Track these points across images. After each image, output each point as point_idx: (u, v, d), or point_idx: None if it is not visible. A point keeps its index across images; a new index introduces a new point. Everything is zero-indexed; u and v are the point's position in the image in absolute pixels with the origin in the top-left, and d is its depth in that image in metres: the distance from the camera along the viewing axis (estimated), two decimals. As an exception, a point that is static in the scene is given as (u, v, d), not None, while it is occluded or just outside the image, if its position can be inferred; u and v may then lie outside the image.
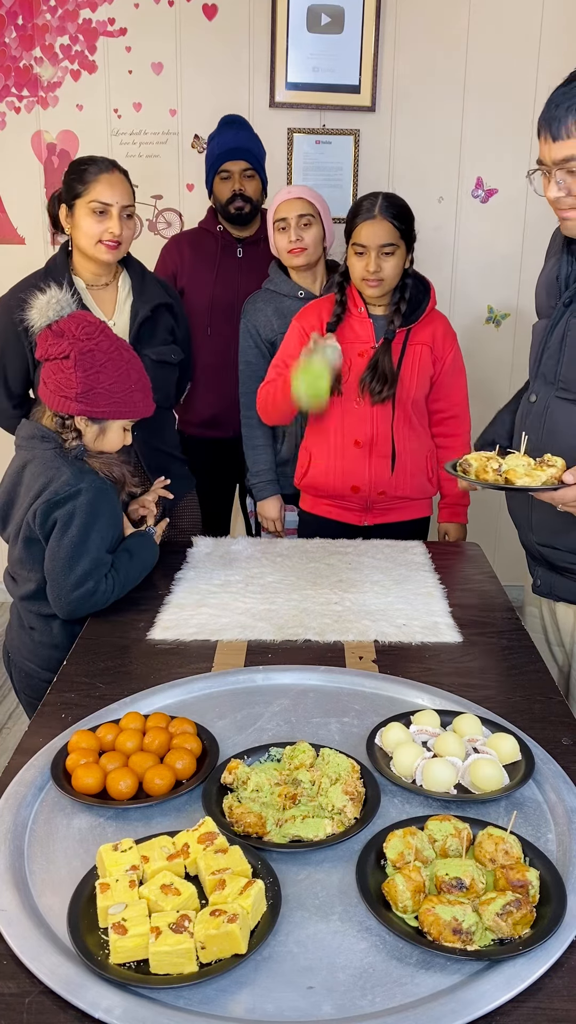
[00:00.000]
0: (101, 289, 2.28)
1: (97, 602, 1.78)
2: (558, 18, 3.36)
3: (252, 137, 2.81)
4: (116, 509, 1.85)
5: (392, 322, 2.27)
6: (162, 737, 1.30)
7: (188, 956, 0.94)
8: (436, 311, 2.37)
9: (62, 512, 1.75)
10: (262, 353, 2.57)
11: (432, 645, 1.69)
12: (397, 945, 0.99)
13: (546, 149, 1.60)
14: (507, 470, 1.62)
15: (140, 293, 2.31)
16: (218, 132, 2.81)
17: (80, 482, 1.76)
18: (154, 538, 1.97)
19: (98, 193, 2.13)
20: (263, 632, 1.72)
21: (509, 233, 3.59)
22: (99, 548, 1.77)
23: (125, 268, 2.33)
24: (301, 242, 2.48)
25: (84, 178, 2.15)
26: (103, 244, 2.16)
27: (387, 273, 2.22)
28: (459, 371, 2.42)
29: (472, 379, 2.91)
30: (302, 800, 1.19)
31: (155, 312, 2.31)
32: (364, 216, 2.20)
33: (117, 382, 1.82)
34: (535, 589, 1.91)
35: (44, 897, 1.06)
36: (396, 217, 2.21)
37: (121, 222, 2.16)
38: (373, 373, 2.26)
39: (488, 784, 1.22)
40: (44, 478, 1.78)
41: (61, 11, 3.35)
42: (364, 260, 2.20)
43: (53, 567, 1.76)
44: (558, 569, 1.82)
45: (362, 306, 2.29)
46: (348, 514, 2.40)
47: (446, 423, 2.44)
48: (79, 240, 2.19)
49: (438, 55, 3.41)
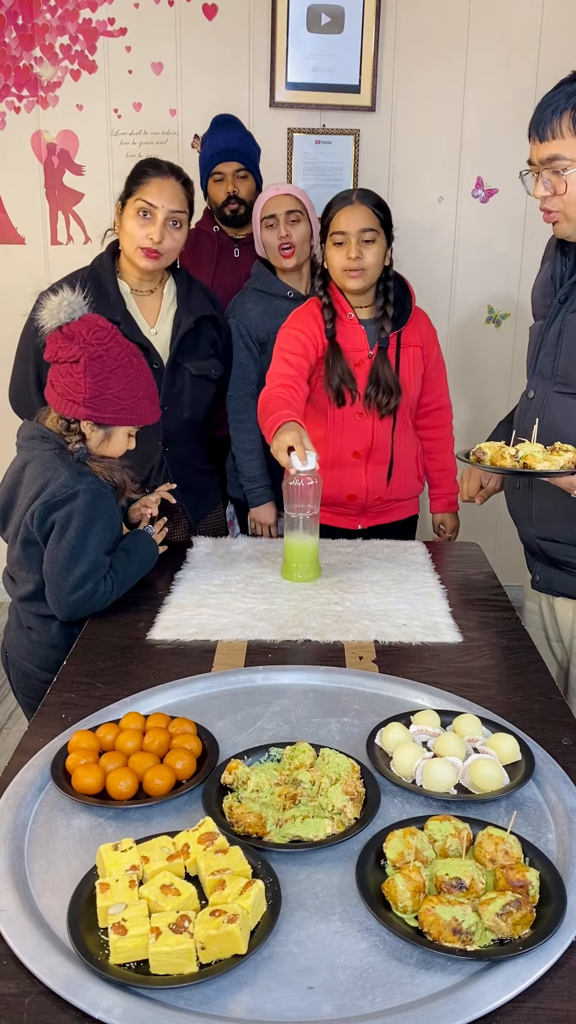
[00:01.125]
0: (146, 295, 2.24)
1: (96, 603, 1.78)
2: (558, 18, 3.36)
3: (244, 137, 2.79)
4: (114, 511, 1.85)
5: (383, 328, 2.24)
6: (162, 737, 1.30)
7: (188, 956, 0.94)
8: (416, 308, 2.34)
9: (60, 514, 1.75)
10: (252, 355, 2.54)
11: (432, 645, 1.69)
12: (397, 945, 0.99)
13: (534, 149, 1.67)
14: (525, 455, 1.63)
15: (185, 303, 2.25)
16: (210, 133, 2.79)
17: (78, 484, 1.76)
18: (152, 537, 1.97)
19: (145, 194, 2.10)
20: (263, 632, 1.72)
21: (509, 233, 3.59)
22: (97, 550, 1.77)
23: (172, 275, 2.28)
24: (290, 238, 2.46)
25: (139, 179, 2.12)
26: (142, 250, 2.12)
27: (368, 262, 2.16)
28: (441, 362, 2.42)
29: (472, 379, 2.92)
30: (302, 800, 1.19)
31: (199, 324, 2.26)
32: (341, 204, 2.17)
33: (126, 389, 1.81)
34: (534, 585, 1.92)
35: (44, 897, 1.06)
36: (376, 205, 2.18)
37: (164, 229, 2.10)
38: (377, 387, 2.23)
39: (488, 784, 1.22)
40: (42, 479, 1.78)
41: (61, 11, 3.35)
42: (344, 249, 2.15)
43: (52, 569, 1.75)
44: (557, 563, 1.83)
45: (351, 311, 2.25)
46: (342, 519, 2.39)
47: (431, 415, 2.44)
48: (123, 241, 2.16)
49: (438, 55, 3.41)
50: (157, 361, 2.20)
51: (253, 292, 2.57)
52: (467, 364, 3.72)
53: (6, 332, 2.37)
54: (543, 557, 1.86)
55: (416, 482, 2.43)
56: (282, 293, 2.54)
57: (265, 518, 2.61)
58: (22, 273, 3.55)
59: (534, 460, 1.61)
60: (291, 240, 2.47)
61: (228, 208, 2.73)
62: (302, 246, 2.50)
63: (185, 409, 2.25)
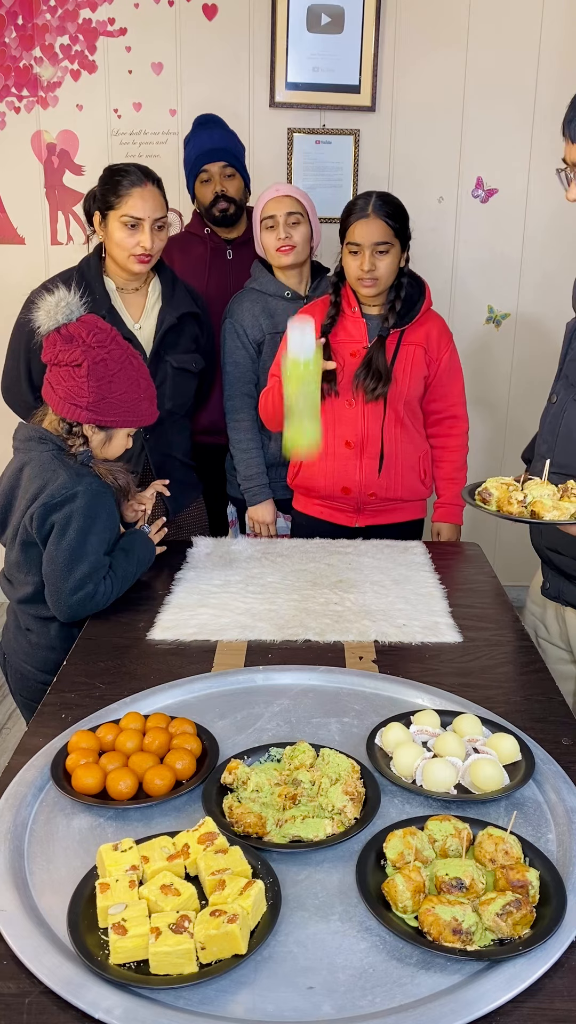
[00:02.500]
0: (131, 293, 2.30)
1: (97, 604, 1.78)
2: (558, 18, 3.36)
3: (228, 135, 2.77)
4: (113, 511, 1.85)
5: (387, 320, 2.26)
6: (162, 737, 1.30)
7: (188, 956, 0.94)
8: (432, 311, 2.36)
9: (59, 516, 1.75)
10: (249, 354, 2.54)
11: (432, 645, 1.69)
12: (397, 945, 0.99)
13: (569, 151, 1.61)
14: (533, 501, 1.54)
15: (169, 300, 2.33)
16: (193, 134, 2.77)
17: (77, 485, 1.76)
18: (149, 537, 1.97)
19: (130, 207, 2.15)
20: (263, 632, 1.72)
21: (509, 233, 3.59)
22: (97, 551, 1.77)
23: (157, 274, 2.35)
24: (290, 239, 2.46)
25: (118, 190, 2.16)
26: (135, 257, 2.18)
27: (381, 272, 2.21)
28: (456, 371, 2.41)
29: (472, 379, 2.91)
30: (302, 800, 1.19)
31: (181, 320, 2.33)
32: (358, 215, 2.20)
33: (128, 391, 1.82)
34: (544, 591, 1.89)
35: (44, 897, 1.06)
36: (390, 216, 2.20)
37: (152, 235, 2.17)
38: (367, 370, 2.25)
39: (488, 784, 1.22)
40: (41, 480, 1.77)
41: (61, 11, 3.35)
42: (358, 259, 2.20)
43: (52, 571, 1.75)
44: (566, 575, 1.81)
45: (356, 305, 2.29)
46: (340, 515, 2.39)
47: (442, 424, 2.43)
48: (111, 249, 2.22)
49: (438, 55, 3.41)
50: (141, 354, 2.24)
51: (251, 292, 2.57)
52: (467, 364, 3.67)
53: (6, 332, 2.37)
54: (552, 565, 1.84)
55: (419, 485, 2.41)
56: (279, 293, 2.54)
57: (263, 516, 2.61)
58: (22, 273, 3.55)
59: (543, 508, 1.51)
60: (291, 241, 2.47)
61: (217, 208, 2.71)
62: (302, 246, 2.50)
63: (167, 400, 2.32)
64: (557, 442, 1.73)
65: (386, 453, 2.32)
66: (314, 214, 2.51)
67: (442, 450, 2.44)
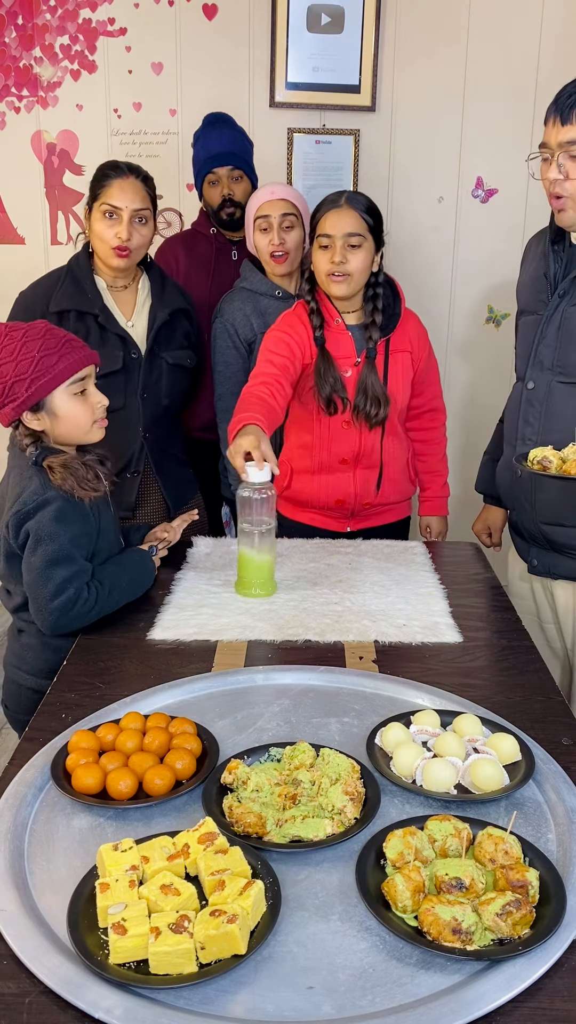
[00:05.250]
0: (121, 291, 2.32)
1: (80, 612, 1.70)
2: (558, 18, 3.36)
3: (237, 137, 2.76)
4: (87, 513, 1.77)
5: (371, 336, 2.19)
6: (162, 737, 1.30)
7: (188, 956, 0.94)
8: (406, 310, 2.29)
9: (32, 524, 1.69)
10: (240, 354, 2.53)
11: (432, 645, 1.69)
12: (397, 945, 0.99)
13: (553, 132, 1.67)
14: None
15: (159, 297, 2.34)
16: (202, 133, 2.76)
17: (47, 491, 1.70)
18: (152, 559, 1.92)
19: (109, 196, 2.18)
20: (263, 632, 1.72)
21: (509, 233, 3.59)
22: (73, 556, 1.71)
23: (145, 272, 2.36)
24: (284, 245, 2.45)
25: (101, 182, 2.20)
26: (113, 250, 2.19)
27: (353, 267, 2.10)
28: (433, 364, 2.38)
29: (471, 379, 2.92)
30: (302, 800, 1.19)
31: (173, 317, 2.34)
32: (329, 206, 2.12)
33: (22, 362, 1.67)
34: (531, 570, 1.97)
35: (44, 897, 1.06)
36: (365, 210, 2.12)
37: (131, 227, 2.18)
38: (364, 398, 2.18)
39: (488, 784, 1.22)
40: (18, 488, 1.73)
41: (61, 11, 3.35)
42: (329, 253, 2.10)
43: (31, 580, 1.70)
44: (558, 547, 1.89)
45: (338, 317, 2.20)
46: (331, 521, 2.36)
47: (423, 417, 2.40)
48: (95, 243, 2.25)
49: (438, 55, 3.41)
50: (136, 351, 2.28)
51: (241, 291, 2.56)
52: (467, 364, 3.72)
53: (6, 332, 2.38)
54: (543, 541, 1.91)
55: (408, 485, 2.40)
56: (270, 292, 2.53)
57: None
58: (22, 273, 3.54)
59: None
60: (285, 248, 2.46)
61: (224, 212, 2.72)
62: (295, 252, 2.49)
63: (163, 397, 2.33)
64: (543, 422, 1.83)
65: (384, 465, 2.29)
66: (308, 216, 2.51)
67: (424, 443, 2.42)
